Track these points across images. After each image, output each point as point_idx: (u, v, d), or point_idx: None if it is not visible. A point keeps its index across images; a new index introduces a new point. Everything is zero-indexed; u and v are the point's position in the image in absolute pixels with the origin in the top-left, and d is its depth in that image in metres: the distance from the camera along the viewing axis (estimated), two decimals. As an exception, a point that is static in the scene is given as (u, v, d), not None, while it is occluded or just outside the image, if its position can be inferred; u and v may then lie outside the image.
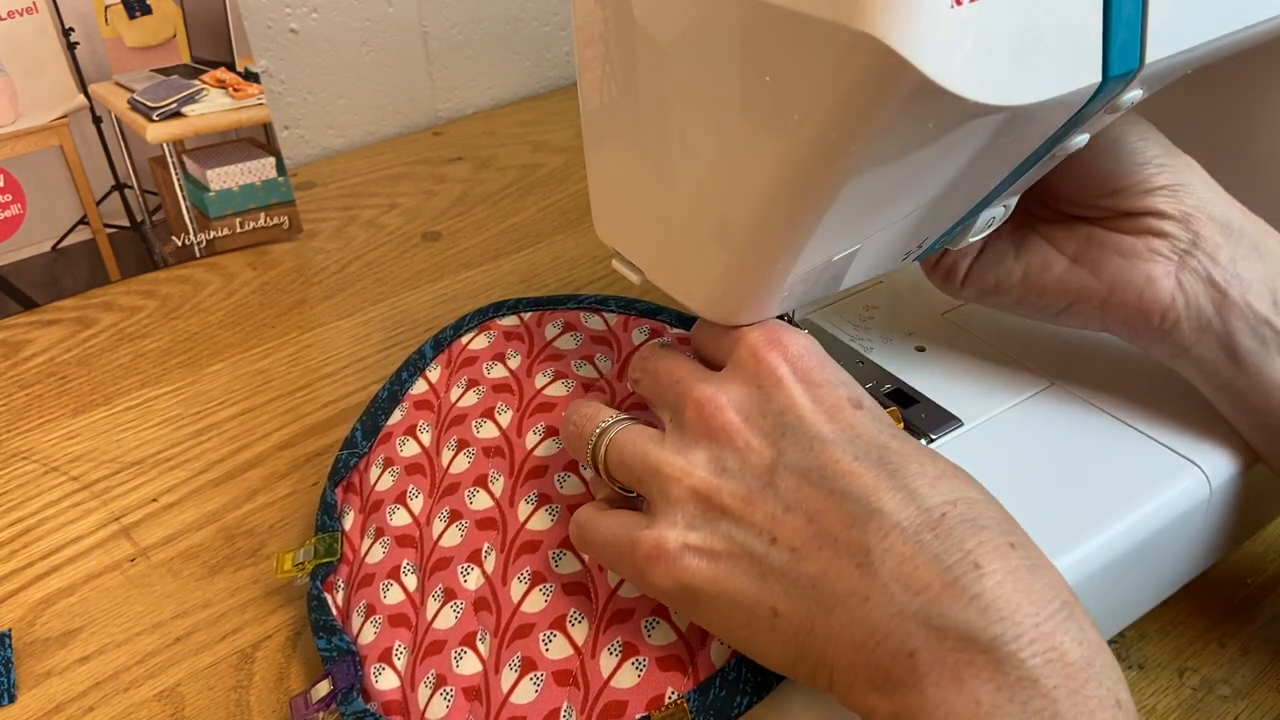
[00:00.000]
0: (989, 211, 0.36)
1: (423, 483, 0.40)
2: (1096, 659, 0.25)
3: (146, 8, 0.61)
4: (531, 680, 0.33)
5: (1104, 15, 0.26)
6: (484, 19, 0.86)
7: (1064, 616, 0.25)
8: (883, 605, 0.26)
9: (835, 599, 0.27)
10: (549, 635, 0.34)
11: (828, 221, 0.30)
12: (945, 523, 0.26)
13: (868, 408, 0.30)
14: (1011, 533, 0.27)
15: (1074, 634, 0.25)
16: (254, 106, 0.65)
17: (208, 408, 0.53)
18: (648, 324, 0.44)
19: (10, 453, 0.51)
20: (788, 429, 0.29)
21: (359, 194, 0.74)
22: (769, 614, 0.28)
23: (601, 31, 0.32)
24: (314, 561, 0.39)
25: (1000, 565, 0.26)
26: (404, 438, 0.42)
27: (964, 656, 0.25)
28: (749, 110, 0.28)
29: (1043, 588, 0.26)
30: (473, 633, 0.35)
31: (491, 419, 0.41)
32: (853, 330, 0.47)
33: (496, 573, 0.36)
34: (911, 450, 0.29)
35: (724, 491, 0.29)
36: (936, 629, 0.25)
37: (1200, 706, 0.38)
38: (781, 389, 0.30)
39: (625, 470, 0.32)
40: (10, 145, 0.59)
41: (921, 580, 0.26)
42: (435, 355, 0.45)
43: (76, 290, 0.63)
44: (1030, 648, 0.24)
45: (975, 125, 0.26)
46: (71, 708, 0.38)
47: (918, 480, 0.27)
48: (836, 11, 0.23)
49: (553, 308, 0.46)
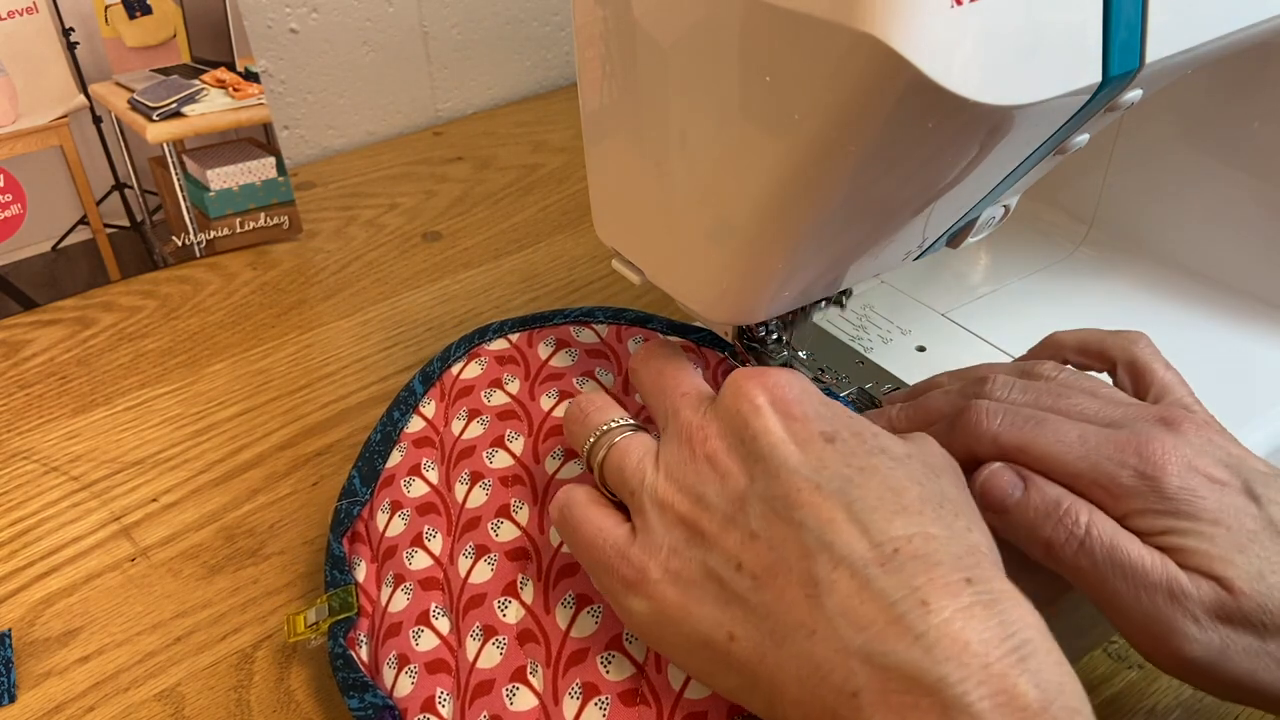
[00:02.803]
0: (989, 211, 0.36)
1: (439, 522, 0.39)
2: (1056, 701, 0.23)
3: (146, 8, 0.61)
4: (597, 706, 0.32)
5: (1104, 15, 0.26)
6: (484, 19, 0.86)
7: (1021, 655, 0.24)
8: (828, 640, 0.25)
9: (785, 630, 0.26)
10: (607, 657, 0.33)
11: (828, 221, 0.30)
12: (896, 559, 0.26)
13: (841, 440, 0.29)
14: (971, 568, 0.26)
15: (1030, 674, 0.24)
16: (254, 106, 0.65)
17: (208, 408, 0.53)
18: (640, 333, 0.44)
19: (10, 453, 0.51)
20: (760, 457, 0.29)
21: (359, 194, 0.74)
22: (726, 638, 0.28)
23: (602, 32, 0.32)
24: (330, 620, 0.37)
25: (950, 603, 0.25)
26: (409, 478, 0.40)
27: (909, 699, 0.24)
28: (749, 110, 0.28)
29: (997, 625, 0.24)
30: (522, 667, 0.33)
31: (503, 448, 0.40)
32: (853, 330, 0.47)
33: (537, 602, 0.35)
34: (875, 485, 0.28)
35: (703, 519, 0.29)
36: (880, 668, 0.24)
37: (1200, 706, 0.37)
38: (759, 417, 0.30)
39: (620, 480, 0.32)
40: (10, 145, 0.59)
41: (866, 616, 0.25)
42: (426, 390, 0.43)
43: (76, 290, 0.63)
44: (978, 690, 0.23)
45: (975, 125, 0.26)
46: (71, 708, 0.38)
47: (874, 515, 0.27)
48: (836, 11, 0.23)
49: (540, 325, 0.45)
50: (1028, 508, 0.31)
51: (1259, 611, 0.29)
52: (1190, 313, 0.48)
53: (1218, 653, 0.29)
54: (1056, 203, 0.54)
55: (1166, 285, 0.49)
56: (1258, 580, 0.29)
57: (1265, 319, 0.47)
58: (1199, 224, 0.48)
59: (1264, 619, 0.29)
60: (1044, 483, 0.31)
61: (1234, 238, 0.47)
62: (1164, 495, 0.30)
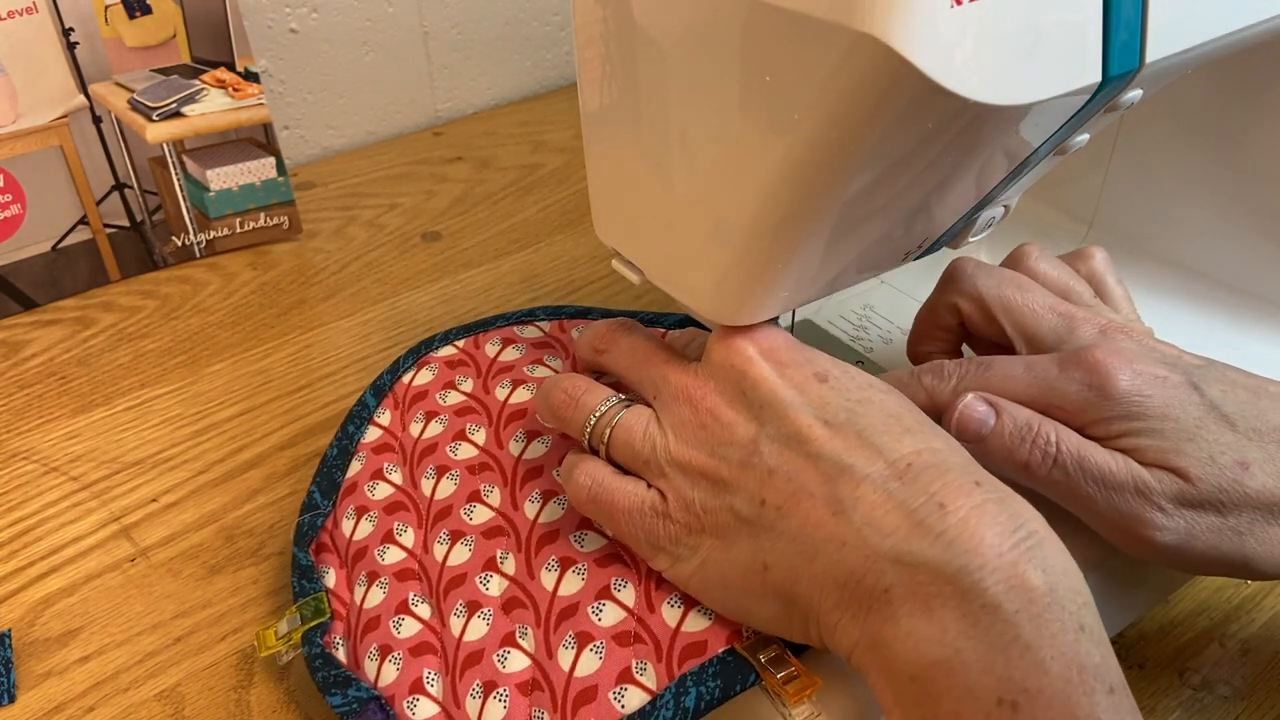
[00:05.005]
0: (989, 211, 0.36)
1: (408, 517, 0.39)
2: (1060, 584, 0.26)
3: (146, 8, 0.61)
4: (592, 651, 0.33)
5: (1104, 15, 0.26)
6: (484, 19, 0.86)
7: (1029, 546, 0.27)
8: (858, 548, 0.28)
9: (816, 546, 0.29)
10: (597, 606, 0.34)
11: (827, 222, 0.30)
12: (911, 471, 0.29)
13: (834, 379, 0.32)
14: (977, 473, 0.29)
15: (1037, 561, 0.26)
16: (254, 106, 0.65)
17: (208, 408, 0.53)
18: (582, 324, 0.45)
19: (10, 453, 0.51)
20: (764, 403, 0.32)
21: (359, 194, 0.75)
22: (760, 569, 0.30)
23: (601, 32, 0.32)
24: (303, 628, 0.36)
25: (965, 502, 0.27)
26: (372, 483, 0.41)
27: (933, 589, 0.26)
28: (749, 110, 0.28)
29: (1007, 519, 0.27)
30: (510, 633, 0.34)
31: (466, 440, 0.41)
32: (853, 330, 0.47)
33: (521, 572, 0.36)
34: (875, 412, 0.31)
35: (721, 468, 0.32)
36: (907, 565, 0.27)
37: (1200, 706, 0.38)
38: (753, 366, 0.32)
39: (631, 453, 0.34)
40: (10, 145, 0.59)
41: (891, 523, 0.28)
42: (379, 401, 0.44)
43: (76, 290, 0.63)
44: (992, 576, 0.26)
45: (975, 125, 0.26)
46: (71, 708, 0.38)
47: (883, 437, 0.30)
48: (836, 12, 0.23)
49: (484, 329, 0.46)
50: (1003, 434, 0.33)
51: (1216, 492, 0.31)
52: (1190, 312, 0.48)
53: (1185, 535, 0.32)
54: (1056, 203, 0.54)
55: (1167, 285, 0.49)
56: (1209, 464, 0.32)
57: (1265, 318, 0.47)
58: (1199, 224, 0.48)
59: (1221, 498, 0.32)
60: (1014, 408, 0.34)
61: (1234, 238, 0.47)
62: (1114, 399, 0.32)
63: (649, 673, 0.32)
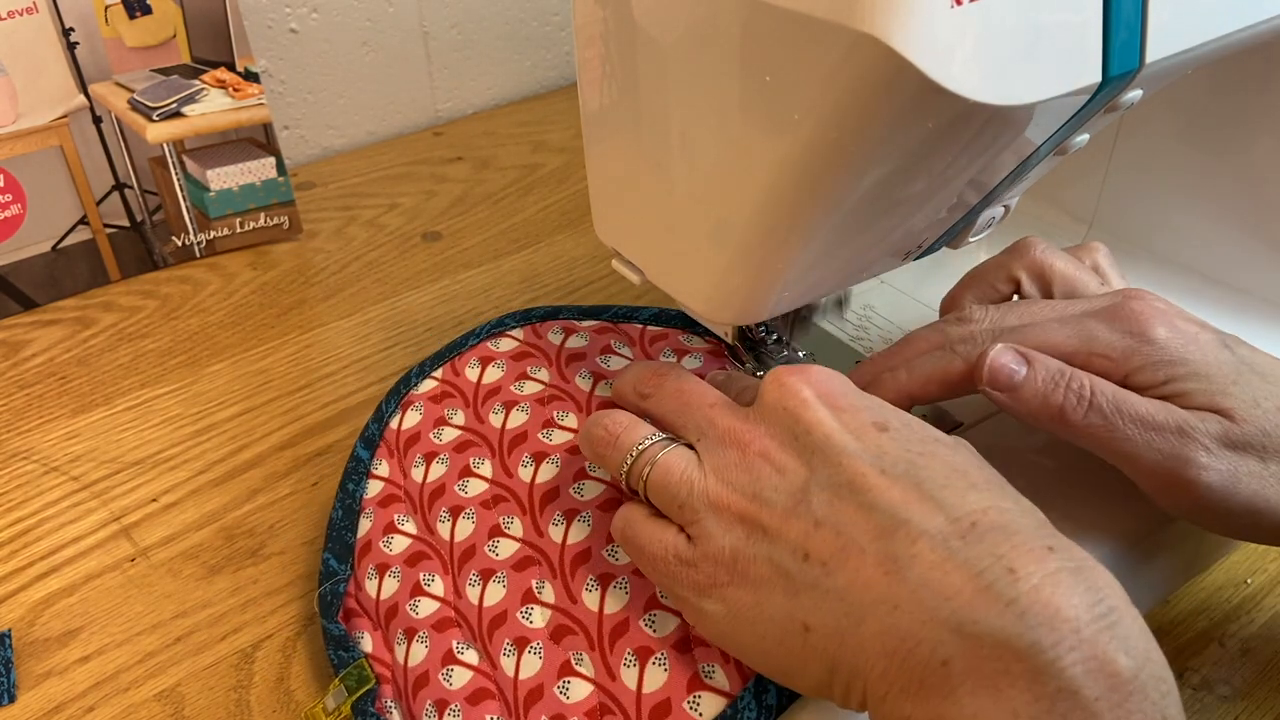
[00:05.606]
0: (989, 211, 0.36)
1: (433, 565, 0.38)
2: (1144, 669, 0.24)
3: (146, 8, 0.61)
4: (655, 664, 0.32)
5: (1104, 15, 0.26)
6: (484, 19, 0.86)
7: (1110, 622, 0.24)
8: (912, 612, 0.25)
9: (864, 608, 0.26)
10: (649, 618, 0.33)
11: (827, 221, 0.30)
12: (975, 530, 0.26)
13: (894, 429, 0.30)
14: (1050, 537, 0.26)
15: (1120, 641, 0.24)
16: (254, 106, 0.65)
17: (208, 408, 0.53)
18: (556, 324, 0.44)
19: (10, 453, 0.51)
20: (817, 448, 0.29)
21: (359, 194, 0.75)
22: (801, 630, 0.28)
23: (602, 32, 0.32)
24: (350, 699, 0.35)
25: (1038, 568, 0.25)
26: (386, 538, 0.40)
27: (1000, 665, 0.24)
28: (749, 110, 0.28)
29: (1085, 591, 0.24)
30: (566, 662, 0.33)
31: (473, 475, 0.40)
32: (853, 330, 0.47)
33: (562, 598, 0.35)
34: (940, 465, 0.28)
35: (763, 514, 0.29)
36: (970, 636, 0.24)
37: (1200, 706, 0.37)
38: (808, 410, 0.30)
39: (668, 496, 0.32)
40: (10, 145, 0.59)
41: (952, 586, 0.25)
42: (373, 453, 0.43)
43: (76, 290, 0.63)
44: (1070, 655, 0.23)
45: (975, 124, 0.26)
46: (71, 708, 0.38)
47: (944, 492, 0.27)
48: (836, 12, 0.23)
49: (458, 352, 0.45)
50: (1035, 380, 0.33)
51: (1259, 435, 0.31)
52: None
53: (1229, 478, 0.31)
54: (1056, 203, 0.54)
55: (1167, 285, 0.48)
56: (1254, 407, 0.31)
57: (1265, 318, 0.47)
58: (1199, 223, 0.48)
59: (1265, 441, 0.31)
60: (1044, 357, 0.33)
61: (1234, 238, 0.47)
62: (1157, 344, 0.32)
63: (718, 675, 0.31)
